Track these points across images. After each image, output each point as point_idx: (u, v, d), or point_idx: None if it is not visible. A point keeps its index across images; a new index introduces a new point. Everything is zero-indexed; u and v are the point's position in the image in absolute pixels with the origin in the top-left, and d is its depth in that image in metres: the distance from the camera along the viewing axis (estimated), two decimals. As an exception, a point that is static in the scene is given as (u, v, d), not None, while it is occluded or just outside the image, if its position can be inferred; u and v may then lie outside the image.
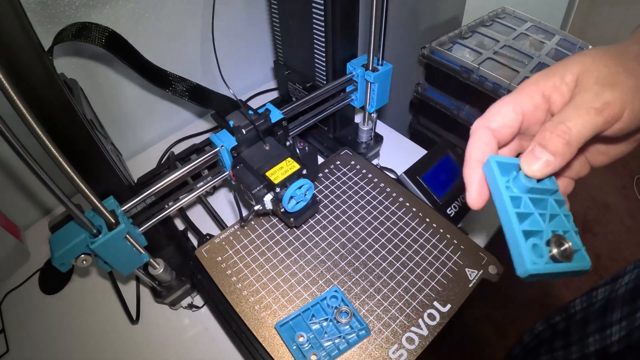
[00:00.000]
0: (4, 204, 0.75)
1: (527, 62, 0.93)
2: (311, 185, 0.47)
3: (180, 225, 0.64)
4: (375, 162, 0.68)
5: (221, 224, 0.61)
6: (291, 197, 0.45)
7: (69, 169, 0.33)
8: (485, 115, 0.27)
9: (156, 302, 0.56)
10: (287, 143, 0.49)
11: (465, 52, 0.93)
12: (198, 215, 0.67)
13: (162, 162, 0.76)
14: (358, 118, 0.76)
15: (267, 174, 0.45)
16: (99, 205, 0.38)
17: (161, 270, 0.51)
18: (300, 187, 0.45)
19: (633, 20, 1.71)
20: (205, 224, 0.65)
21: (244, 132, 0.46)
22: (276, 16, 0.63)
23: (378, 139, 0.66)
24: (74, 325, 0.61)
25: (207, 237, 0.55)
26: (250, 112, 0.49)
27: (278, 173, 0.46)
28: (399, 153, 0.74)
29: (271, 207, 0.47)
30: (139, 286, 0.62)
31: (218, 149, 0.47)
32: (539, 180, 0.25)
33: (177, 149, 0.81)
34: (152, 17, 0.70)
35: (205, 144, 0.65)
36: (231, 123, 0.48)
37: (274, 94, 0.93)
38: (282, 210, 0.46)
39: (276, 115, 0.49)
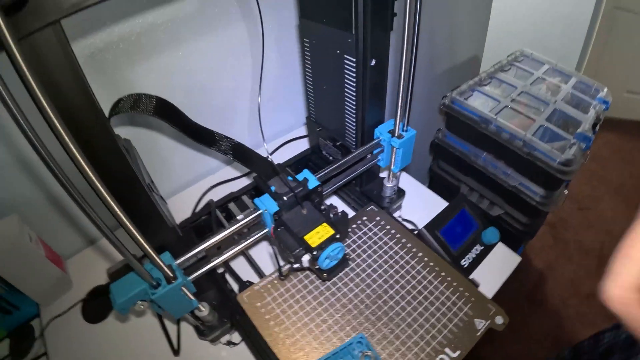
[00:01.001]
0: (48, 236, 0.85)
1: (543, 109, 1.02)
2: (343, 247, 0.57)
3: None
4: (397, 214, 0.78)
5: (259, 272, 0.71)
6: (325, 258, 0.56)
7: (136, 234, 0.42)
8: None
9: (199, 339, 0.67)
10: (322, 207, 0.59)
11: (484, 99, 1.02)
12: (236, 261, 0.76)
13: (201, 209, 0.84)
14: (383, 172, 0.85)
15: (306, 237, 0.55)
16: (160, 262, 0.48)
17: (207, 313, 0.61)
18: (333, 250, 0.56)
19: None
20: (242, 268, 0.74)
21: (285, 200, 0.57)
22: (310, 80, 0.73)
23: (401, 193, 0.76)
24: (116, 353, 0.69)
25: (247, 283, 0.65)
26: (290, 178, 0.60)
27: (315, 237, 0.56)
28: (419, 204, 0.83)
29: (308, 265, 0.57)
30: (179, 321, 0.72)
31: (262, 212, 0.58)
32: None
33: (212, 194, 0.90)
34: (194, 68, 0.82)
35: (242, 192, 0.76)
36: (273, 188, 0.59)
37: (304, 142, 1.03)
38: (317, 267, 0.57)
39: (313, 182, 0.59)
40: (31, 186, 0.77)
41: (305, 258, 0.56)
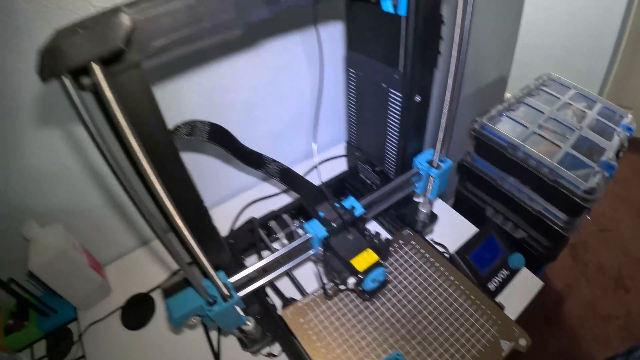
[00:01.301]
0: (89, 243, 0.91)
1: (569, 136, 1.07)
2: (385, 271, 0.62)
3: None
4: (429, 236, 0.83)
5: (300, 289, 0.76)
6: (370, 281, 0.61)
7: (200, 254, 0.48)
8: None
9: (242, 351, 0.72)
10: (366, 233, 0.65)
11: (512, 125, 1.07)
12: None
13: (241, 225, 0.88)
14: (418, 196, 0.91)
15: (352, 261, 0.61)
16: (219, 282, 0.54)
17: (252, 327, 0.67)
18: (377, 274, 0.61)
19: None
20: (282, 284, 0.79)
21: (334, 226, 0.62)
22: (353, 107, 0.79)
23: (433, 217, 0.81)
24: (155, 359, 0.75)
25: (290, 300, 0.71)
26: (337, 204, 0.65)
27: (361, 262, 0.61)
28: (449, 227, 0.88)
29: (352, 287, 0.62)
30: (219, 329, 0.78)
31: (311, 236, 0.63)
32: None
33: (252, 210, 0.96)
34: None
35: (283, 210, 0.81)
36: (321, 214, 0.64)
37: (341, 163, 1.09)
38: (360, 289, 0.62)
39: (359, 210, 0.65)
40: (75, 196, 0.83)
41: (351, 281, 0.62)
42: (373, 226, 0.88)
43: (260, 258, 0.76)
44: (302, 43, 0.89)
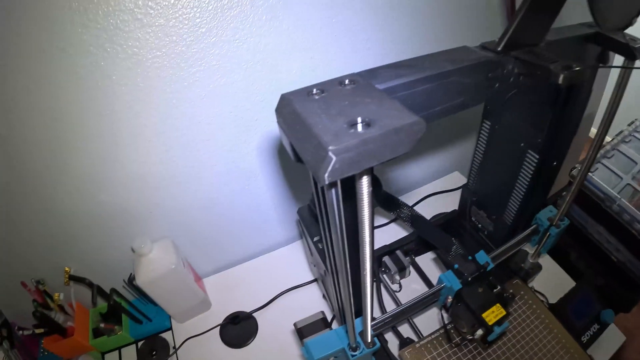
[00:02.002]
0: (190, 256, 0.98)
1: (663, 190, 1.12)
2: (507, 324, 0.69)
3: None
4: (530, 284, 0.90)
5: (416, 331, 0.83)
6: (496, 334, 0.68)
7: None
8: None
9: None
10: (495, 289, 0.71)
11: (607, 174, 1.10)
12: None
13: None
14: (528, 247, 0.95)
15: (483, 315, 0.68)
16: (368, 328, 0.60)
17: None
18: (503, 327, 0.68)
19: None
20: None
21: (469, 279, 0.69)
22: (480, 155, 0.83)
23: (539, 267, 0.88)
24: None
25: (408, 340, 0.78)
26: (470, 257, 0.72)
27: (491, 316, 0.68)
28: (547, 276, 0.94)
29: (478, 337, 0.69)
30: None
31: (444, 286, 0.70)
32: None
33: None
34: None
35: (396, 247, 0.88)
36: (456, 266, 0.71)
37: (452, 196, 1.16)
38: (482, 338, 0.69)
39: (490, 265, 0.71)
40: (181, 208, 0.90)
41: (479, 333, 0.68)
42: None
43: (380, 298, 0.83)
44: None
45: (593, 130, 1.46)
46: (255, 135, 0.85)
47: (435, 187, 1.21)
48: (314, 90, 0.36)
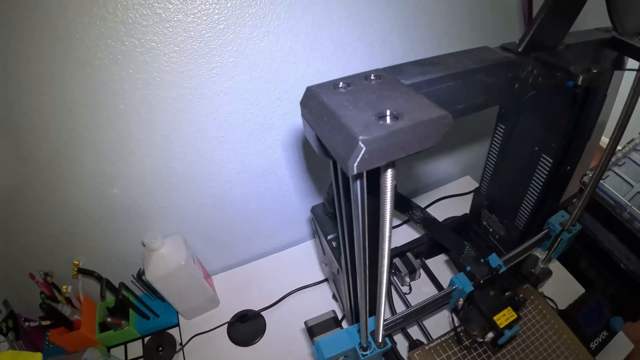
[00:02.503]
0: (200, 253, 0.98)
1: (674, 199, 1.12)
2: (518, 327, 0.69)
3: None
4: (540, 290, 0.90)
5: (425, 333, 0.83)
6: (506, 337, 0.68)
7: (383, 309, 0.55)
8: None
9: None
10: (506, 293, 0.72)
11: (618, 182, 1.11)
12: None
13: None
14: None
15: (495, 318, 0.68)
16: (380, 327, 0.61)
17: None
18: (514, 331, 0.68)
19: None
20: None
21: (481, 282, 0.69)
22: (493, 159, 0.84)
23: (549, 273, 0.88)
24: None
25: (417, 342, 0.78)
26: (482, 260, 0.72)
27: (502, 319, 0.68)
28: (556, 282, 0.95)
29: (489, 340, 0.70)
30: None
31: (456, 288, 0.70)
32: None
33: None
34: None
35: (406, 249, 0.88)
36: (468, 268, 0.71)
37: (463, 200, 1.17)
38: (492, 342, 0.69)
39: (503, 268, 0.71)
40: (191, 206, 0.90)
41: (490, 336, 0.69)
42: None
43: (391, 299, 0.84)
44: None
45: (604, 139, 1.47)
46: (270, 134, 0.85)
47: (446, 191, 1.21)
48: (340, 84, 0.37)
